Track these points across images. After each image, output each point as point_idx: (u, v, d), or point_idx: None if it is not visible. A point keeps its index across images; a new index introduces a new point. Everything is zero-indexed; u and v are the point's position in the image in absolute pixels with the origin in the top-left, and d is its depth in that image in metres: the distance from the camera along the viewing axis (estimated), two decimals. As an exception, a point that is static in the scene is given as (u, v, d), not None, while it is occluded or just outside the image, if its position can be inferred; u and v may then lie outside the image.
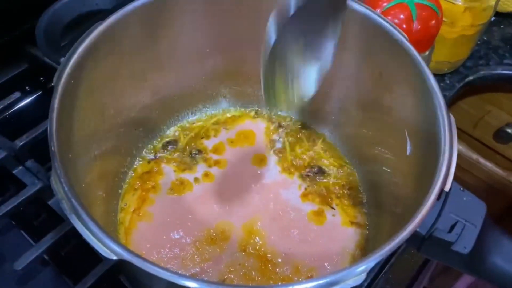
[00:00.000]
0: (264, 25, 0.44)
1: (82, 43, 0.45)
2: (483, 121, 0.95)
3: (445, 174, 0.39)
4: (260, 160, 0.64)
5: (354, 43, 0.53)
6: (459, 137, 1.00)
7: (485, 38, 0.85)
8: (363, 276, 0.34)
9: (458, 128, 0.98)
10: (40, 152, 0.58)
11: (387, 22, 0.49)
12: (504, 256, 0.40)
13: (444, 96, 0.77)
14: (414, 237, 0.40)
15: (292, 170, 0.63)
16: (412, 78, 0.47)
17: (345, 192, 0.61)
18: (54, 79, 0.43)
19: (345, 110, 0.61)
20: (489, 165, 1.03)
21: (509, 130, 0.92)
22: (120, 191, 0.58)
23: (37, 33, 0.53)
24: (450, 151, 0.41)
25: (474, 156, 1.03)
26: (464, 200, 0.41)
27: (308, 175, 0.62)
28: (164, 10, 0.51)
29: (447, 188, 0.39)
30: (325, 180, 0.62)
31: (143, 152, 0.63)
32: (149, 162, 0.63)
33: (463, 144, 1.03)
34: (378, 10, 0.61)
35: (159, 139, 0.65)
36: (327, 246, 0.56)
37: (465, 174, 1.07)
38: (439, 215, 0.40)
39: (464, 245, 0.39)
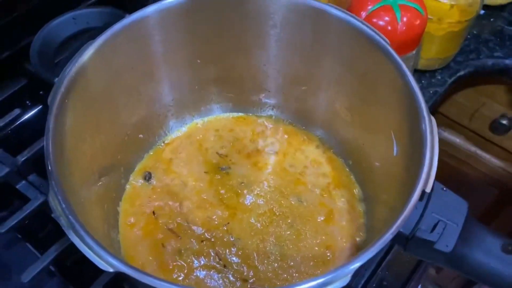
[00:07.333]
0: (249, 35, 0.47)
1: (73, 63, 0.46)
2: (478, 113, 0.96)
3: (426, 176, 0.40)
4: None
5: (336, 49, 0.55)
6: (456, 130, 1.02)
7: (474, 32, 0.85)
8: (348, 277, 0.36)
9: (454, 121, 1.00)
10: (42, 166, 0.59)
11: (368, 27, 0.50)
12: (486, 252, 0.41)
13: (436, 92, 0.79)
14: (399, 237, 0.41)
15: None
16: (395, 81, 0.48)
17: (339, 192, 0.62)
18: (49, 99, 0.45)
19: (334, 112, 0.62)
20: (487, 156, 1.04)
21: (504, 121, 0.92)
22: (118, 207, 0.59)
23: (31, 54, 0.54)
24: (431, 153, 0.42)
25: (472, 148, 1.04)
26: (446, 200, 0.42)
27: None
28: (151, 27, 0.52)
29: (428, 189, 0.39)
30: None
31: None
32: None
33: (460, 137, 1.04)
34: (364, 13, 0.62)
35: (151, 153, 0.64)
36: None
37: (464, 166, 1.08)
38: (421, 215, 0.41)
39: (446, 243, 0.40)
